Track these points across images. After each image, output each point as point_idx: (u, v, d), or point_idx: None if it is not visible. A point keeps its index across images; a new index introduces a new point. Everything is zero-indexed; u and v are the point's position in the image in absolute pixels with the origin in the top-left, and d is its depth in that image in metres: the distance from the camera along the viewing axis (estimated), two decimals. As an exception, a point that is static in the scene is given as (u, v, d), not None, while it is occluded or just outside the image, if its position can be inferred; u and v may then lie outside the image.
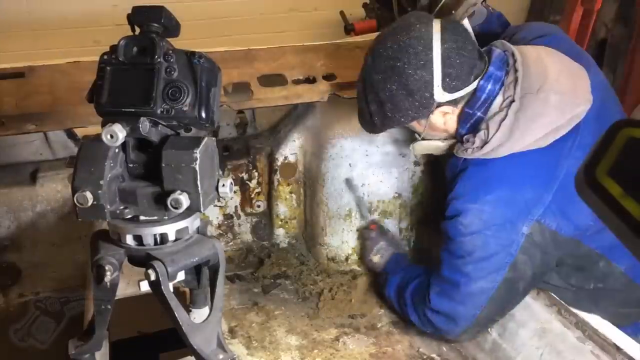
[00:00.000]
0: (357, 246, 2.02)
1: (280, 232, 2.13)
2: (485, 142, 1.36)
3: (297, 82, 1.74)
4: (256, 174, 2.05)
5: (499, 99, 1.38)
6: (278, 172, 2.05)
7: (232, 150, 2.04)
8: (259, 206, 2.09)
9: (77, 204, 0.89)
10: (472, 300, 1.44)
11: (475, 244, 1.39)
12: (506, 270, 1.40)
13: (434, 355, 1.65)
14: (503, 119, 1.34)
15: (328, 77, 1.78)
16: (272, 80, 1.73)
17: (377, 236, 1.89)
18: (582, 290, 1.49)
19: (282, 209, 2.10)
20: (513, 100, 1.34)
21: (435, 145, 1.52)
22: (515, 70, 1.37)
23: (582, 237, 1.40)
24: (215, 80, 0.98)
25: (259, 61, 1.74)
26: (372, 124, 1.47)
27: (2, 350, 1.75)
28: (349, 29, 3.69)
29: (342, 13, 3.92)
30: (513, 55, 1.40)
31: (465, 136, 1.41)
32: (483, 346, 1.63)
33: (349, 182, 1.94)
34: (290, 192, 2.09)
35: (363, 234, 1.95)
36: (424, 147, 1.54)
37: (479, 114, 1.39)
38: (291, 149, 2.03)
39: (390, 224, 2.01)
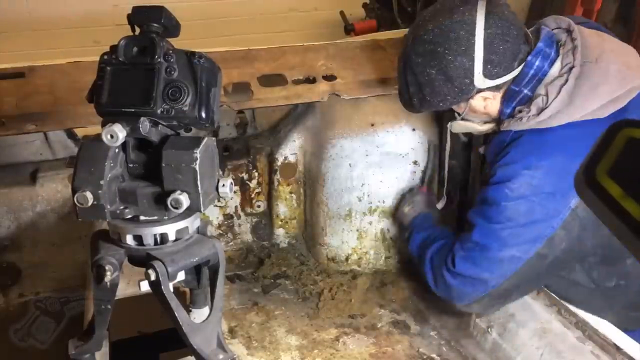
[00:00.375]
0: (357, 246, 2.02)
1: (280, 232, 2.13)
2: (543, 109, 1.31)
3: (297, 82, 1.74)
4: (256, 174, 2.05)
5: (556, 66, 1.34)
6: (278, 172, 2.05)
7: (232, 150, 2.04)
8: (259, 206, 2.09)
9: (77, 204, 0.89)
10: (499, 268, 1.39)
11: (519, 210, 1.34)
12: (542, 244, 1.35)
13: (434, 355, 1.65)
14: (563, 84, 1.30)
15: (328, 77, 1.78)
16: (272, 80, 1.73)
17: (418, 193, 1.88)
18: (600, 287, 1.45)
19: (282, 209, 2.10)
20: (573, 67, 1.31)
21: (475, 127, 1.49)
22: (573, 39, 1.34)
23: None
24: (215, 80, 0.98)
25: (259, 61, 1.74)
26: (410, 105, 1.46)
27: (2, 350, 1.75)
28: (349, 29, 3.70)
29: (342, 13, 3.92)
30: (569, 26, 1.38)
31: (518, 107, 1.37)
32: (483, 346, 1.63)
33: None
34: (290, 192, 2.09)
35: (410, 189, 1.94)
36: (462, 126, 1.51)
37: (525, 91, 1.36)
38: (291, 149, 2.03)
39: (391, 224, 2.01)
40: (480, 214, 1.42)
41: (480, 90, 1.36)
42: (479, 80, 1.33)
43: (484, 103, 1.40)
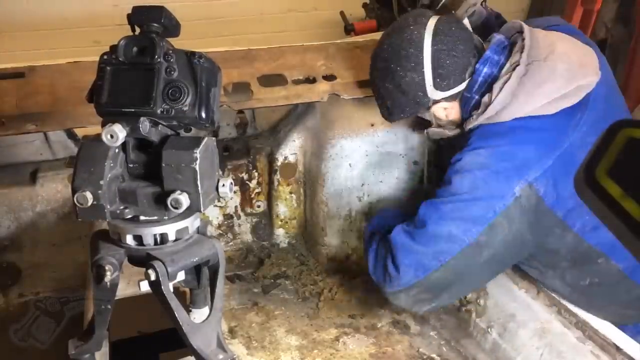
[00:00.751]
0: (358, 246, 2.02)
1: (280, 232, 2.13)
2: (488, 105, 1.38)
3: (297, 82, 1.74)
4: (256, 174, 2.05)
5: (505, 68, 1.40)
6: (278, 172, 2.05)
7: (232, 151, 2.04)
8: (259, 206, 2.09)
9: (77, 204, 0.89)
10: (435, 244, 1.38)
11: (463, 183, 1.38)
12: (482, 228, 1.35)
13: (433, 355, 1.65)
14: (506, 81, 1.36)
15: (328, 77, 1.78)
16: (272, 80, 1.73)
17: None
18: (576, 287, 1.47)
19: (282, 209, 2.10)
20: (518, 64, 1.36)
21: (445, 133, 1.57)
22: (523, 39, 1.40)
23: (582, 233, 1.39)
24: (215, 80, 0.98)
25: (259, 61, 1.74)
26: (383, 115, 1.59)
27: (2, 350, 1.75)
28: (349, 29, 3.69)
29: (342, 13, 3.92)
30: (521, 27, 1.44)
31: (473, 111, 1.45)
32: (483, 346, 1.63)
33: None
34: (290, 192, 2.09)
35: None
36: (436, 132, 1.60)
37: (476, 96, 1.44)
38: (291, 149, 2.03)
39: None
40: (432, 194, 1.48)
41: (436, 101, 1.46)
42: (432, 92, 1.44)
43: (444, 112, 1.50)
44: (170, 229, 0.97)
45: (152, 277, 0.92)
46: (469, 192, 1.37)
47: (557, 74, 1.34)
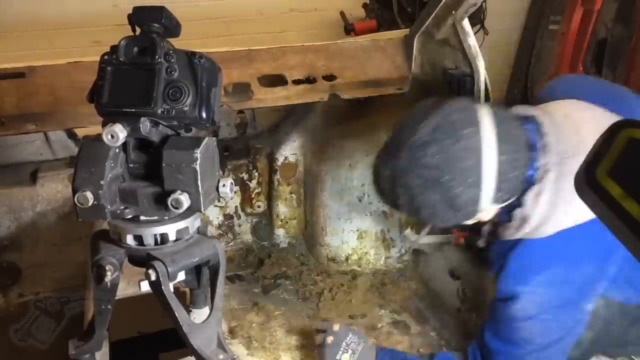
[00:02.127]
0: (358, 246, 2.02)
1: (280, 232, 2.13)
2: (524, 220, 1.21)
3: (297, 82, 1.74)
4: (256, 174, 2.05)
5: (537, 168, 1.21)
6: (278, 172, 2.05)
7: (233, 151, 2.04)
8: (259, 206, 2.09)
9: (78, 204, 0.89)
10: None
11: (534, 330, 1.24)
12: (569, 350, 1.27)
13: (434, 356, 1.65)
14: (539, 194, 1.18)
15: (328, 77, 1.78)
16: (272, 80, 1.73)
17: (339, 330, 1.50)
18: None
19: (282, 209, 2.10)
20: (548, 170, 1.18)
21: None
22: (542, 135, 1.20)
23: None
24: (216, 80, 0.98)
25: (259, 61, 1.74)
26: (394, 205, 1.32)
27: (2, 350, 1.75)
28: (349, 29, 3.69)
29: (342, 13, 3.92)
30: (534, 118, 1.24)
31: (511, 213, 1.26)
32: (483, 346, 1.63)
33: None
34: (291, 192, 2.09)
35: (318, 339, 1.53)
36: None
37: (513, 199, 1.25)
38: (291, 149, 2.03)
39: (391, 224, 2.01)
40: (495, 333, 1.32)
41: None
42: (486, 205, 1.22)
43: (481, 216, 1.28)
44: (171, 229, 0.97)
45: (153, 277, 0.92)
46: (545, 336, 1.24)
47: None
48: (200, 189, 0.91)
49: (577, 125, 1.20)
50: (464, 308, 1.74)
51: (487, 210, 1.24)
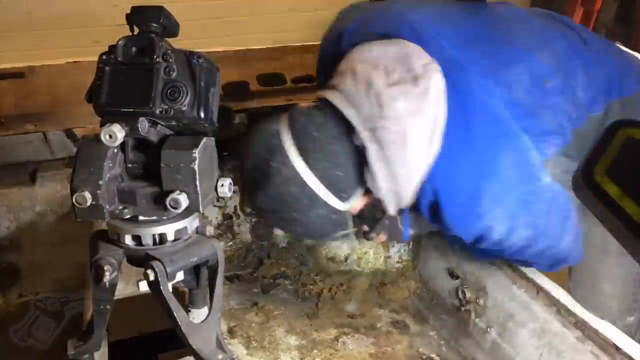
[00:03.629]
0: (357, 246, 2.02)
1: (279, 232, 2.13)
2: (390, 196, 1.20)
3: (297, 82, 1.74)
4: (256, 174, 2.05)
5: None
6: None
7: (232, 151, 2.04)
8: (258, 206, 2.09)
9: (76, 204, 0.89)
10: (574, 245, 1.32)
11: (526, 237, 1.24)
12: (573, 211, 1.25)
13: (433, 355, 1.65)
14: (371, 173, 1.16)
15: (328, 77, 1.77)
16: (272, 80, 1.73)
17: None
18: None
19: (282, 209, 2.10)
20: (366, 147, 1.14)
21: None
22: (342, 114, 1.15)
23: None
24: (215, 80, 0.98)
25: (258, 61, 1.74)
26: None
27: (2, 350, 1.75)
28: (349, 29, 3.69)
29: (342, 13, 3.92)
30: (328, 101, 1.19)
31: None
32: (482, 346, 1.63)
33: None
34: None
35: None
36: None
37: None
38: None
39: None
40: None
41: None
42: (345, 206, 1.21)
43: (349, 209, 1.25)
44: (169, 229, 0.97)
45: (151, 277, 0.92)
46: (538, 228, 1.26)
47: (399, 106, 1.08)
48: (198, 189, 0.91)
49: (366, 78, 1.11)
50: (463, 308, 1.74)
51: (350, 206, 1.22)
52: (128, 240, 0.97)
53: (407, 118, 1.08)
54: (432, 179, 1.14)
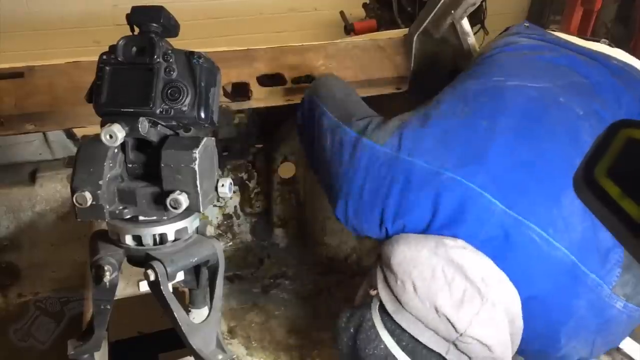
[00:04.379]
0: (357, 246, 2.02)
1: (279, 232, 2.13)
2: None
3: (297, 82, 1.74)
4: (255, 174, 2.05)
5: None
6: (277, 172, 2.05)
7: (232, 150, 2.04)
8: (258, 206, 2.09)
9: (76, 204, 0.89)
10: None
11: None
12: None
13: (433, 356, 1.65)
14: None
15: (328, 77, 1.77)
16: (272, 80, 1.73)
17: None
18: None
19: (282, 208, 2.10)
20: None
21: None
22: None
23: None
24: (215, 80, 0.98)
25: (258, 61, 1.74)
26: None
27: (2, 350, 1.75)
28: (349, 29, 3.70)
29: (342, 13, 3.92)
30: None
31: None
32: (482, 346, 1.63)
33: None
34: (290, 192, 2.09)
35: None
36: None
37: None
38: (290, 149, 2.03)
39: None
40: None
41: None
42: None
43: None
44: (170, 229, 0.97)
45: (152, 278, 0.92)
46: None
47: None
48: (199, 189, 0.91)
49: (432, 300, 1.09)
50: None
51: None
52: (128, 240, 0.97)
53: (486, 334, 1.07)
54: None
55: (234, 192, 2.04)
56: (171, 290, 0.95)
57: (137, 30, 0.95)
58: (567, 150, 1.16)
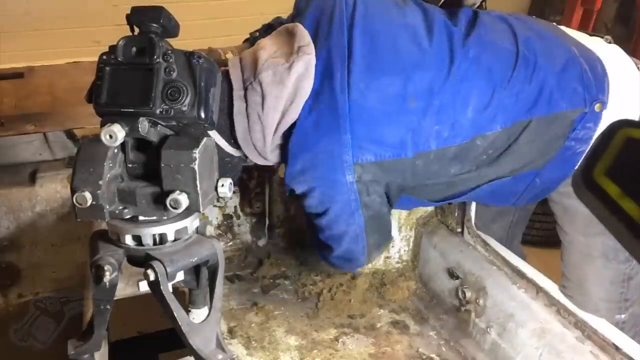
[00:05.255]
0: (357, 246, 2.02)
1: (279, 232, 2.13)
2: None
3: (296, 82, 1.73)
4: (255, 174, 2.05)
5: None
6: (277, 172, 2.05)
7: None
8: (258, 206, 2.09)
9: (77, 204, 0.89)
10: (353, 244, 1.42)
11: (311, 204, 1.37)
12: (360, 212, 1.36)
13: (433, 355, 1.65)
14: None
15: (327, 77, 1.77)
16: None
17: None
18: (479, 167, 1.40)
19: (282, 208, 2.10)
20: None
21: None
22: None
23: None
24: (214, 80, 0.98)
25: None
26: None
27: (2, 350, 1.75)
28: (349, 29, 3.69)
29: (342, 13, 3.92)
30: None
31: None
32: (482, 346, 1.63)
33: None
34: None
35: None
36: None
37: None
38: (291, 149, 2.02)
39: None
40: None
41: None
42: (238, 153, 1.35)
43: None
44: (169, 229, 0.97)
45: (151, 278, 0.92)
46: (318, 208, 1.40)
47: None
48: (199, 189, 0.91)
49: (258, 51, 1.28)
50: (463, 308, 1.74)
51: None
52: (128, 240, 0.97)
53: (270, 85, 1.24)
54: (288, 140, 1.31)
55: (234, 192, 2.04)
56: (171, 290, 0.95)
57: (137, 30, 0.95)
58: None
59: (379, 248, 1.52)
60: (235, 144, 1.32)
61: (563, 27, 1.53)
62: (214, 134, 1.25)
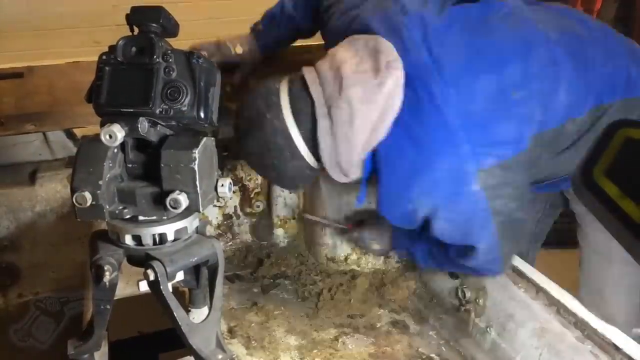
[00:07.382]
0: (356, 245, 2.02)
1: (279, 232, 2.13)
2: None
3: (296, 82, 1.73)
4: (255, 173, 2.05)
5: None
6: (277, 172, 2.05)
7: (232, 151, 2.04)
8: (258, 206, 2.09)
9: (76, 204, 0.89)
10: (488, 255, 1.41)
11: (438, 227, 1.35)
12: (491, 221, 1.33)
13: (433, 355, 1.65)
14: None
15: (327, 77, 1.77)
16: (272, 80, 1.73)
17: (361, 231, 1.83)
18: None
19: (282, 208, 2.10)
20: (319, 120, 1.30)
21: None
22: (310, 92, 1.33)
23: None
24: (214, 80, 0.98)
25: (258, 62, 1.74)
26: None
27: (2, 350, 1.75)
28: (349, 29, 3.69)
29: (342, 13, 3.92)
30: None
31: None
32: (482, 346, 1.63)
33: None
34: (290, 192, 2.09)
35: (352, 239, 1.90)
36: None
37: None
38: (291, 149, 2.02)
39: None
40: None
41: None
42: (318, 165, 1.37)
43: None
44: (169, 229, 0.97)
45: (151, 277, 0.92)
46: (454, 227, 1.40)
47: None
48: (198, 189, 0.91)
49: (339, 64, 1.26)
50: (463, 308, 1.74)
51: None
52: (128, 240, 0.97)
53: (359, 104, 1.22)
54: (378, 160, 1.30)
55: (234, 192, 2.04)
56: (171, 290, 0.95)
57: (136, 30, 0.95)
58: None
59: (512, 248, 1.49)
60: (315, 154, 1.33)
61: None
62: (302, 147, 1.30)
